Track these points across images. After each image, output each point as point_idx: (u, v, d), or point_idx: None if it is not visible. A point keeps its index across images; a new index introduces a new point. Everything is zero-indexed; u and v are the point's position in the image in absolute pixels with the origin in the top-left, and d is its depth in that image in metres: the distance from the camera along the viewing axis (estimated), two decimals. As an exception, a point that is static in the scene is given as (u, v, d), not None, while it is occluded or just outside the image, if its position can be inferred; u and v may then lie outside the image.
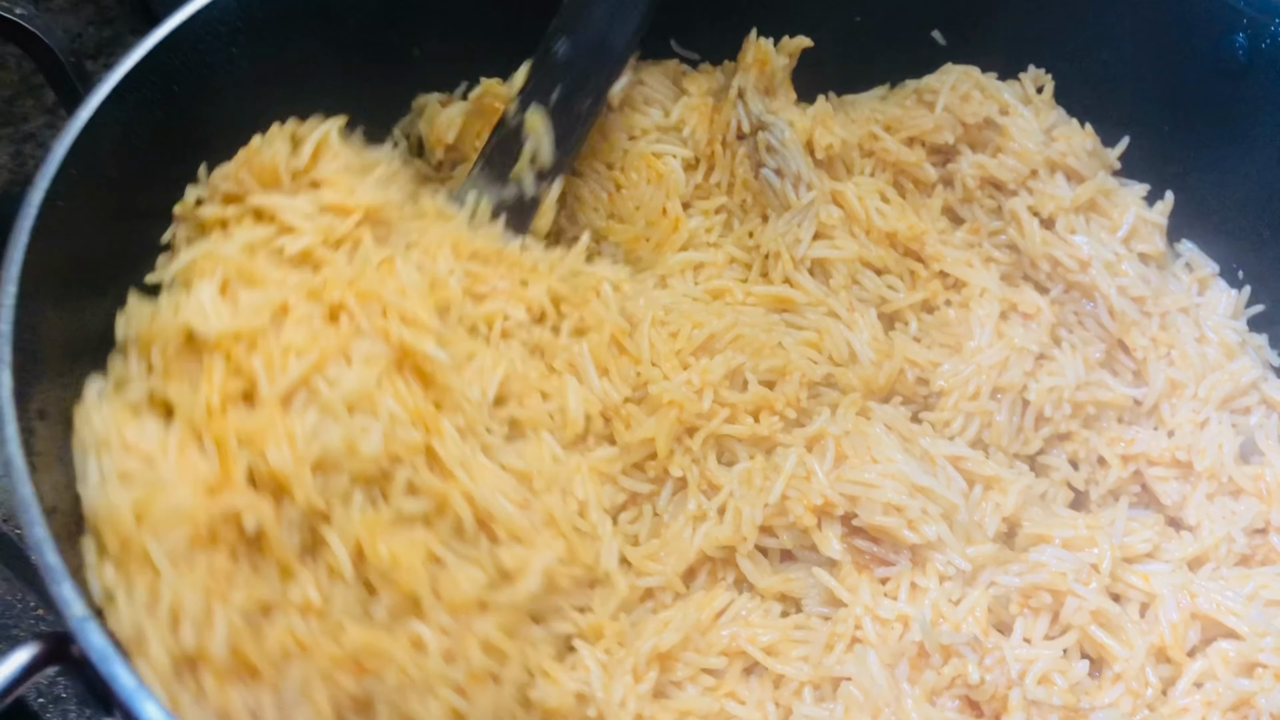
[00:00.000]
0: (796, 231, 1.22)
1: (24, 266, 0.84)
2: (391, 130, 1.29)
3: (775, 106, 1.26)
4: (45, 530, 0.71)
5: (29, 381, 0.82)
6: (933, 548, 0.97)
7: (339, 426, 0.91)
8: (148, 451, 0.87)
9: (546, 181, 1.18)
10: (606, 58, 1.19)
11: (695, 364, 1.09)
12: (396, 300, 1.00)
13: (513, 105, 1.18)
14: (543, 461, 1.03)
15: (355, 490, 0.91)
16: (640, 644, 0.96)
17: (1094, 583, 0.97)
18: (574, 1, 1.17)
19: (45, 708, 1.14)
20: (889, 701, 0.89)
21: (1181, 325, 1.20)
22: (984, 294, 1.20)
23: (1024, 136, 1.25)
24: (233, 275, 0.98)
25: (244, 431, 0.88)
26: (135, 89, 0.98)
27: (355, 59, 1.20)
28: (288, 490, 0.87)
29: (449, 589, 0.91)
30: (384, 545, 0.89)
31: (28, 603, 1.22)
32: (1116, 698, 0.92)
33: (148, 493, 0.83)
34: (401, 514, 0.93)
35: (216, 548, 0.84)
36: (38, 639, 0.70)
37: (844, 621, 0.95)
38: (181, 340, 0.94)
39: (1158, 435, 1.15)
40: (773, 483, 1.00)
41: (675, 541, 1.03)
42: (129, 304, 0.97)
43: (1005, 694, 0.89)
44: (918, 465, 1.01)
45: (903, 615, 0.93)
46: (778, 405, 1.09)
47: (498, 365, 1.05)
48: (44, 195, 0.88)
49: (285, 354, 0.93)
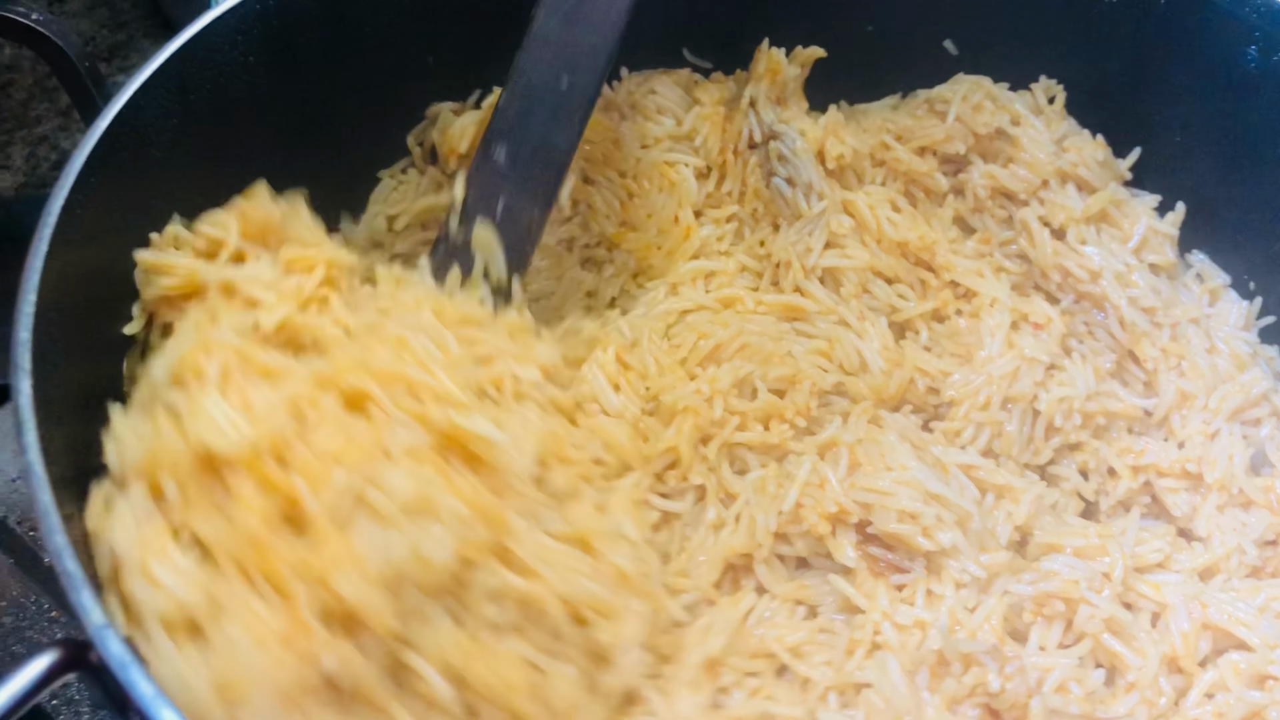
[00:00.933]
0: (808, 240, 1.22)
1: (43, 274, 0.85)
2: (405, 138, 1.30)
3: (787, 116, 1.27)
4: (64, 537, 0.72)
5: (48, 389, 0.83)
6: (947, 555, 0.97)
7: (402, 538, 0.81)
8: (201, 606, 0.76)
9: (502, 296, 1.09)
10: (551, 162, 1.10)
11: (703, 373, 1.09)
12: (423, 378, 0.89)
13: (454, 219, 1.10)
14: (590, 516, 0.95)
15: (432, 606, 0.82)
16: (687, 655, 0.95)
17: (1106, 590, 0.98)
18: (506, 107, 1.09)
19: (59, 709, 1.15)
20: (910, 709, 0.89)
21: (1192, 336, 1.20)
22: (995, 304, 1.21)
23: (1035, 147, 1.25)
24: (234, 369, 0.86)
25: (303, 564, 0.78)
26: (153, 97, 0.98)
27: (370, 67, 1.21)
28: (364, 622, 0.78)
29: (553, 696, 0.83)
30: (481, 666, 0.81)
31: (42, 605, 1.23)
32: (1132, 707, 0.92)
33: (224, 664, 0.73)
34: (489, 624, 0.84)
35: (304, 703, 0.75)
36: (56, 646, 0.70)
37: (862, 628, 0.96)
38: (197, 463, 0.82)
39: (1168, 446, 1.15)
40: (786, 490, 1.00)
41: (701, 552, 1.03)
42: (114, 426, 0.85)
43: (1025, 702, 0.89)
44: (930, 473, 1.02)
45: (920, 621, 0.94)
46: (788, 413, 1.09)
47: (528, 431, 0.94)
48: (63, 203, 0.88)
49: (324, 463, 0.82)
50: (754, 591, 1.03)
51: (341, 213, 1.25)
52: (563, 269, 1.25)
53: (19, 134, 1.82)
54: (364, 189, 1.28)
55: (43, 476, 0.74)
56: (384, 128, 1.28)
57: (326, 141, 1.20)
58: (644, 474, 1.05)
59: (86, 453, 0.87)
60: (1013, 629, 0.98)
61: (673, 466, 1.06)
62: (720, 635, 0.96)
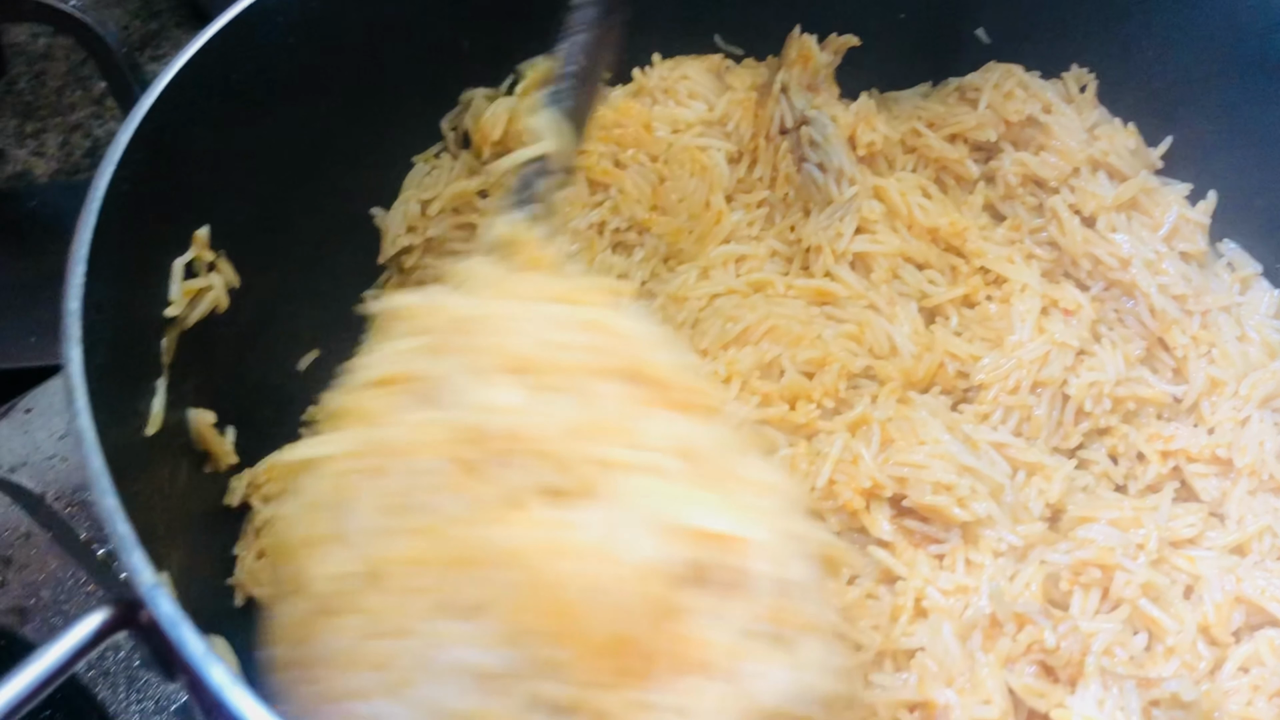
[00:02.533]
0: (838, 226, 1.23)
1: (92, 247, 0.86)
2: (439, 123, 1.31)
3: (818, 102, 1.28)
4: (115, 500, 0.73)
5: (93, 360, 0.84)
6: (983, 525, 0.97)
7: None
8: None
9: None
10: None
11: (724, 354, 1.10)
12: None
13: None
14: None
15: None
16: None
17: (1141, 558, 0.98)
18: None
19: (95, 680, 1.17)
20: (963, 670, 0.90)
21: (1223, 324, 1.20)
22: (1025, 290, 1.21)
23: (1066, 135, 1.25)
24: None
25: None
26: (198, 75, 1.00)
27: (405, 52, 1.22)
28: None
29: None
30: None
31: (79, 579, 1.24)
32: (1175, 669, 0.93)
33: None
34: None
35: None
36: (107, 604, 0.72)
37: (904, 594, 0.96)
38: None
39: (1197, 432, 1.15)
40: (818, 468, 1.01)
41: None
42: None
43: (1080, 660, 0.90)
44: (963, 447, 1.02)
45: (963, 586, 0.94)
46: (815, 395, 1.10)
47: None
48: (110, 178, 0.90)
49: None
50: None
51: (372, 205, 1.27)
52: (593, 253, 1.26)
53: (53, 121, 1.85)
54: (398, 173, 1.30)
55: (94, 441, 0.76)
56: (418, 112, 1.29)
57: (363, 125, 1.21)
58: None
59: (125, 423, 0.90)
60: (1051, 598, 0.98)
61: None
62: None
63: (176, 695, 1.16)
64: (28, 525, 1.28)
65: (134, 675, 1.17)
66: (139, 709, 1.16)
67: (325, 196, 1.20)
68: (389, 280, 1.31)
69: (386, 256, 1.29)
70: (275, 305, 1.16)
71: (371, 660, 0.66)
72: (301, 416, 1.21)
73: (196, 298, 1.05)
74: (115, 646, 1.18)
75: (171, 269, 1.02)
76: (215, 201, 1.07)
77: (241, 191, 1.11)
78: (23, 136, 1.81)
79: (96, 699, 1.15)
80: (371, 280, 1.31)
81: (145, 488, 0.94)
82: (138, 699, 1.16)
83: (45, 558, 1.26)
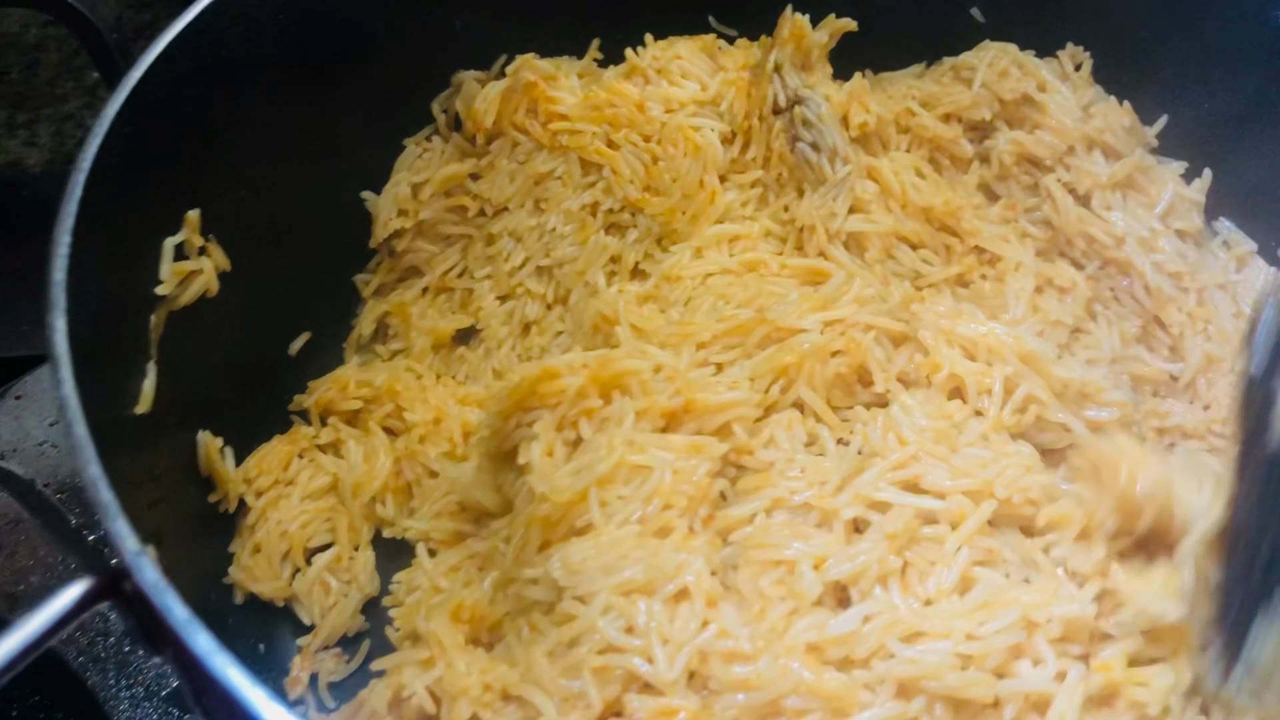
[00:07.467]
0: (832, 205, 1.22)
1: (77, 219, 0.86)
2: (430, 105, 1.31)
3: (812, 82, 1.27)
4: (99, 468, 0.72)
5: (79, 335, 0.84)
6: None
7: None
8: None
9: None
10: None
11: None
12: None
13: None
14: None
15: None
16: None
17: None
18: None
19: (85, 666, 1.15)
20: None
21: (1219, 301, 1.20)
22: (1019, 268, 1.20)
23: (1061, 113, 1.25)
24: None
25: None
26: (188, 48, 0.99)
27: (396, 32, 1.21)
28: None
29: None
30: None
31: (69, 565, 1.24)
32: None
33: None
34: None
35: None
36: (90, 574, 0.71)
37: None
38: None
39: (1193, 409, 1.15)
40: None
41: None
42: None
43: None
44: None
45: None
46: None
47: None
48: (97, 150, 0.89)
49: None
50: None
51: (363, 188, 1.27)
52: (586, 234, 1.26)
53: (45, 112, 1.84)
54: (389, 156, 1.29)
55: (78, 409, 0.75)
56: (409, 94, 1.28)
57: (353, 107, 1.21)
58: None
59: (112, 398, 0.89)
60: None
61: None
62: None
63: (168, 681, 1.15)
64: (17, 511, 1.28)
65: (124, 660, 1.16)
66: (129, 694, 1.15)
67: (316, 179, 1.19)
68: (380, 264, 1.31)
69: (378, 240, 1.28)
70: (266, 288, 1.15)
71: None
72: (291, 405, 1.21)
73: (187, 280, 1.05)
74: (105, 632, 1.17)
75: (162, 249, 1.02)
76: (205, 181, 1.07)
77: (232, 173, 1.10)
78: (15, 127, 1.81)
79: (87, 684, 1.14)
80: (363, 264, 1.31)
81: (133, 466, 0.94)
82: (128, 684, 1.15)
83: (35, 544, 1.25)
